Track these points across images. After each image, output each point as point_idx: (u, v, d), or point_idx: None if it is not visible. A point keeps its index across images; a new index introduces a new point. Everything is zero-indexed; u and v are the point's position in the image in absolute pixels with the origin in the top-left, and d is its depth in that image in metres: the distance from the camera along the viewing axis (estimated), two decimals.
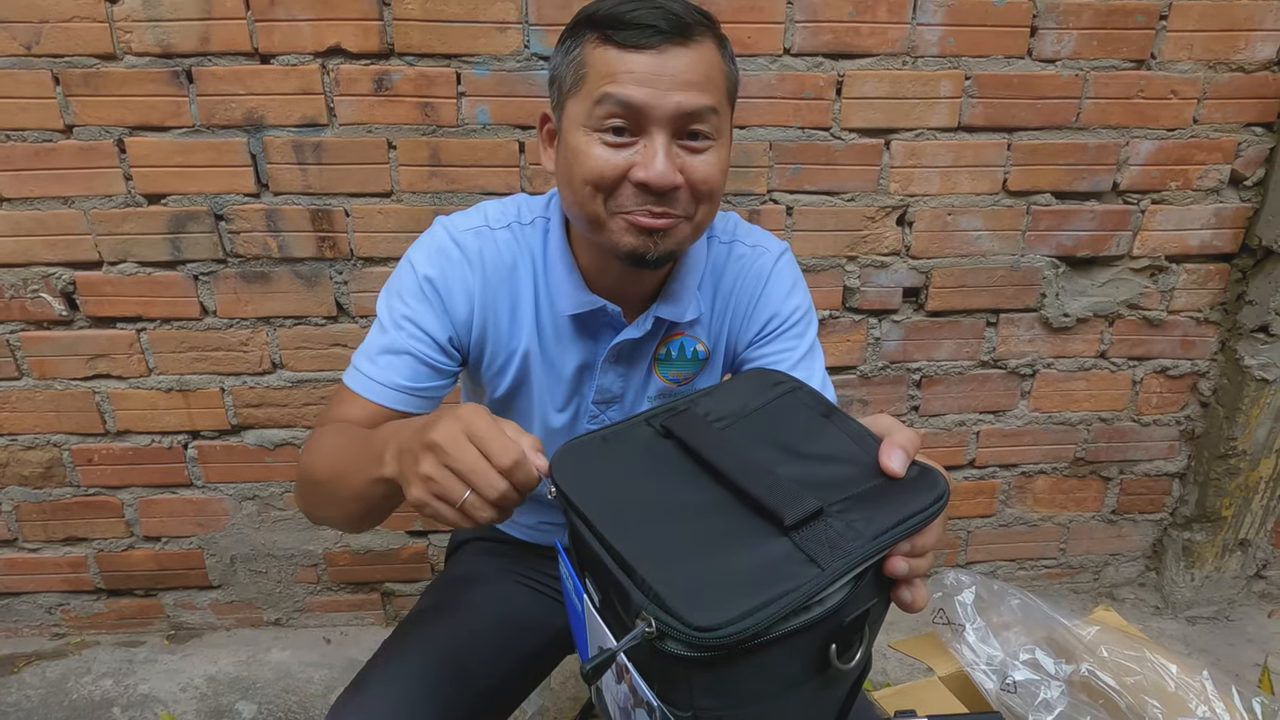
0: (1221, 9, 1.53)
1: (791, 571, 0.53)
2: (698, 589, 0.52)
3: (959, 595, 1.35)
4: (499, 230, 0.95)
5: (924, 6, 1.50)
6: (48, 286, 1.58)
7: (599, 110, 0.79)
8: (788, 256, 1.02)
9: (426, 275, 0.91)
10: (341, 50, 1.46)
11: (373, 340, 0.93)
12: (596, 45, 0.80)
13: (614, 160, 0.80)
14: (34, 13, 1.39)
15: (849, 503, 0.58)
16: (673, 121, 0.79)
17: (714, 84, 0.81)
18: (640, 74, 0.78)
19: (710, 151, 0.83)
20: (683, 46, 0.78)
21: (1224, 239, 1.72)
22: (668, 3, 0.79)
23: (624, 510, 0.60)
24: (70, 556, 1.81)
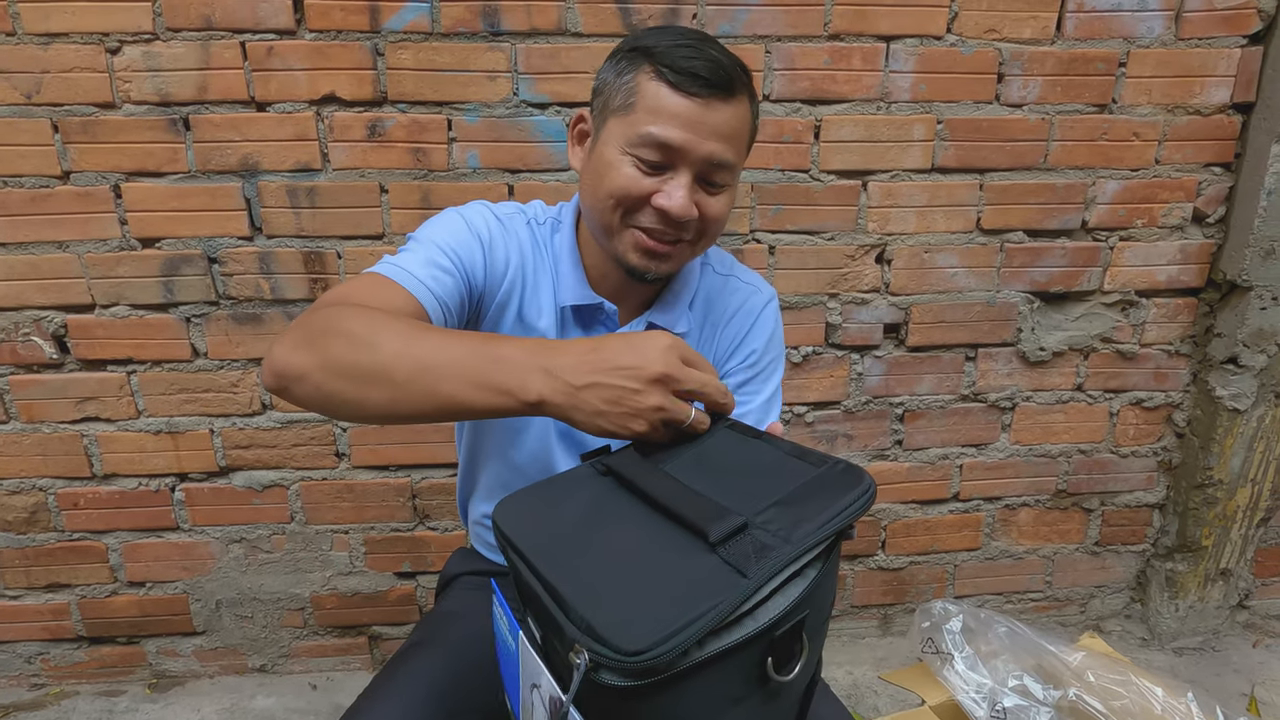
0: (1176, 56, 1.62)
1: (718, 585, 0.54)
2: (626, 615, 0.53)
3: (947, 624, 1.36)
4: (516, 221, 1.02)
5: (896, 55, 1.58)
6: (39, 330, 1.59)
7: (640, 142, 0.87)
8: (776, 301, 1.11)
9: (476, 228, 0.96)
10: (336, 98, 1.50)
11: (408, 249, 0.93)
12: (651, 78, 0.87)
13: (642, 183, 0.88)
14: (36, 64, 1.43)
15: (774, 510, 0.60)
16: (699, 165, 0.88)
17: (740, 139, 0.90)
18: (684, 119, 0.85)
19: (723, 194, 0.92)
20: (724, 102, 0.86)
21: (1190, 274, 1.78)
22: (720, 55, 0.86)
23: (559, 546, 0.61)
24: (52, 604, 1.78)
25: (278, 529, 1.77)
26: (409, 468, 1.76)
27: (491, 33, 1.49)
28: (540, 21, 1.49)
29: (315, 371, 0.73)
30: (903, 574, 1.97)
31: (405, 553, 1.82)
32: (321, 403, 0.75)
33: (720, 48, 0.88)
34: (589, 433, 0.70)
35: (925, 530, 1.94)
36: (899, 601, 2.01)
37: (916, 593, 2.00)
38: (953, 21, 1.57)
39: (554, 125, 1.55)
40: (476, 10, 1.48)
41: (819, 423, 1.81)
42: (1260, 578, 2.04)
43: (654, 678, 0.51)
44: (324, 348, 0.74)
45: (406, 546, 1.81)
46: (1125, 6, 1.58)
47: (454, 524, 1.80)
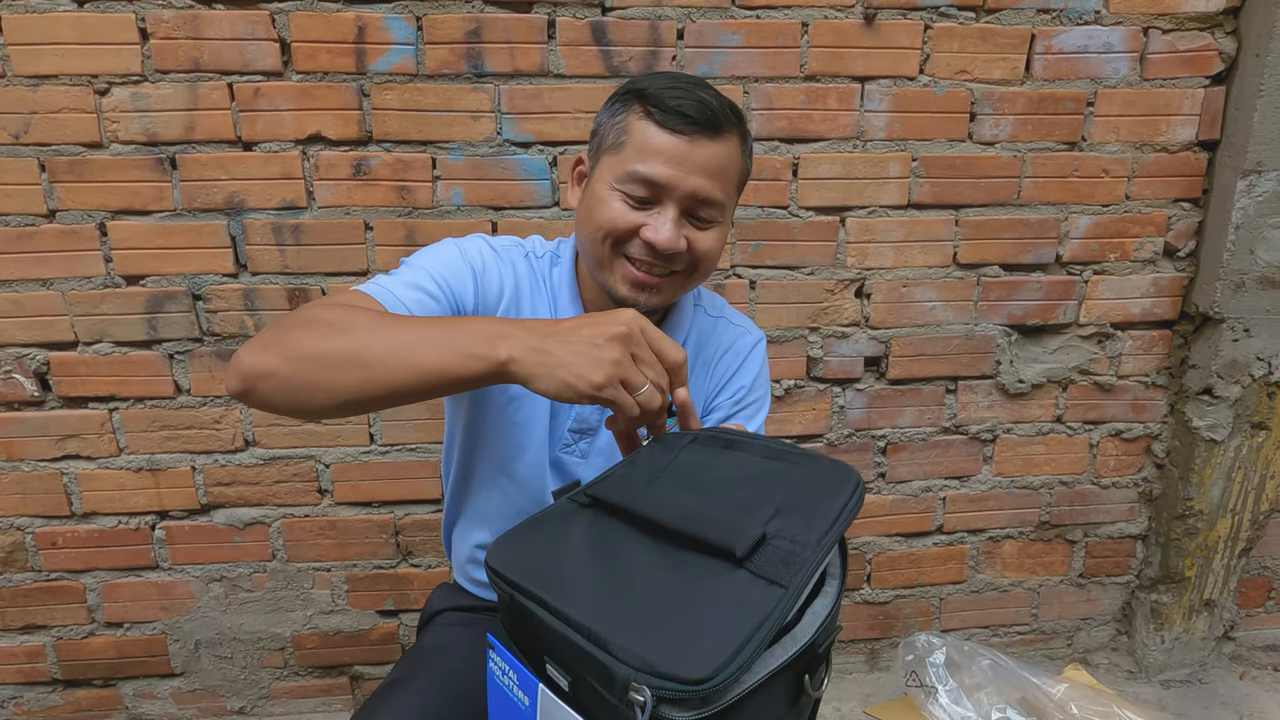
0: (1142, 96, 1.66)
1: (758, 599, 0.55)
2: (681, 644, 0.52)
3: (930, 657, 1.36)
4: (515, 254, 1.05)
5: (871, 95, 1.62)
6: (21, 367, 1.59)
7: (628, 178, 0.91)
8: (764, 344, 1.16)
9: (469, 256, 0.98)
10: (322, 138, 1.53)
11: (398, 273, 0.94)
12: (640, 118, 0.91)
13: (630, 217, 0.92)
14: (24, 104, 1.45)
15: (780, 518, 0.61)
16: (685, 200, 0.91)
17: (727, 176, 0.93)
18: (669, 155, 0.89)
19: (711, 230, 0.95)
20: (710, 140, 0.90)
21: (1164, 306, 1.81)
22: (709, 97, 0.90)
23: (578, 584, 0.60)
24: (27, 646, 1.75)
25: (259, 567, 1.75)
26: (392, 504, 1.75)
27: (475, 74, 1.52)
28: (523, 63, 1.53)
29: (284, 365, 0.74)
30: (889, 608, 1.97)
31: (388, 590, 1.80)
32: (291, 395, 0.75)
33: (713, 91, 0.92)
34: (549, 392, 0.70)
35: (910, 563, 1.94)
36: (885, 636, 2.00)
37: (903, 627, 1.99)
38: (925, 63, 1.61)
39: (537, 164, 1.58)
40: (460, 52, 1.51)
41: None
42: (1244, 608, 2.05)
43: (715, 707, 0.51)
44: (295, 340, 0.75)
45: (389, 584, 1.80)
46: (1091, 48, 1.63)
47: (438, 560, 1.79)
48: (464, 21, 1.50)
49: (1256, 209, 1.67)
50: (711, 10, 1.54)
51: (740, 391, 1.10)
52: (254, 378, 0.75)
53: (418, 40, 1.50)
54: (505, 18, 1.50)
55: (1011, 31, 1.61)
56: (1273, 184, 1.66)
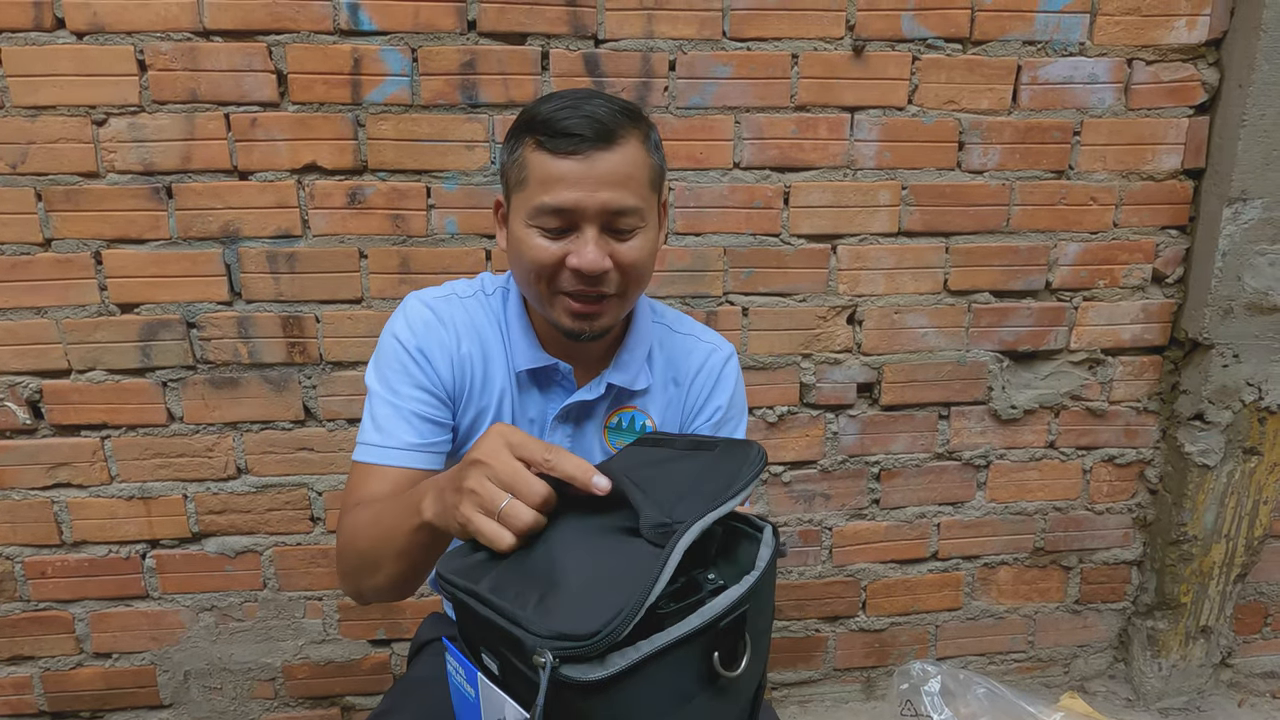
0: (1127, 125, 1.69)
1: (648, 563, 0.59)
2: (580, 608, 0.57)
3: (926, 685, 1.35)
4: (467, 299, 1.05)
5: (860, 124, 1.64)
6: (13, 395, 1.58)
7: (538, 212, 0.90)
8: (736, 358, 1.14)
9: (408, 343, 0.99)
10: (317, 167, 1.54)
11: (372, 415, 0.99)
12: (534, 149, 0.89)
13: (552, 250, 0.91)
14: (22, 134, 1.47)
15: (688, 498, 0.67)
16: (599, 217, 0.89)
17: (636, 181, 0.91)
18: (570, 179, 0.87)
19: (636, 237, 0.93)
20: (607, 150, 0.88)
21: (1153, 332, 1.82)
22: (596, 107, 0.88)
23: (504, 574, 0.65)
24: (14, 677, 1.73)
25: (250, 596, 1.74)
26: None
27: (470, 105, 1.54)
28: (517, 94, 1.55)
29: (349, 589, 0.94)
30: (884, 635, 1.96)
31: (380, 619, 1.79)
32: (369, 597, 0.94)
33: (602, 99, 0.90)
34: (456, 535, 0.73)
35: (905, 590, 1.93)
36: (881, 664, 1.98)
37: (899, 654, 1.98)
38: (913, 93, 1.64)
39: None
40: (455, 84, 1.53)
41: (796, 482, 1.82)
42: (1241, 635, 2.04)
43: (613, 668, 0.55)
44: (342, 570, 0.94)
45: (381, 613, 1.79)
46: (1076, 79, 1.66)
47: (428, 589, 1.78)
48: (459, 53, 1.52)
49: (1243, 236, 1.69)
50: (703, 42, 1.56)
51: (718, 412, 1.10)
52: (352, 596, 0.95)
53: (413, 71, 1.52)
54: (499, 49, 1.53)
55: (998, 63, 1.64)
56: (1258, 211, 1.68)
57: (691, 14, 1.55)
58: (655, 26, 1.54)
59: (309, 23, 1.48)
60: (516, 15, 1.51)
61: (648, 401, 1.08)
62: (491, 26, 1.51)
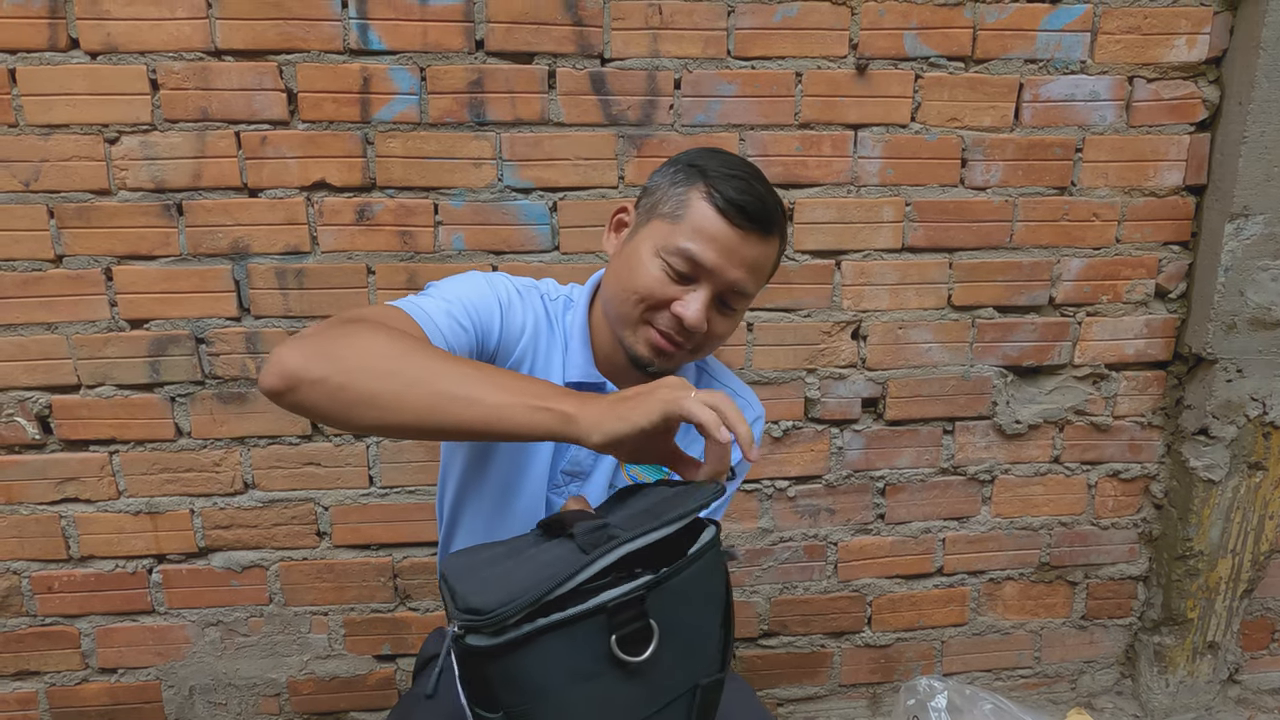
0: (1129, 142, 1.70)
1: (567, 561, 0.66)
2: (487, 587, 0.65)
3: (932, 701, 1.35)
4: (537, 300, 1.07)
5: (864, 142, 1.65)
6: (23, 410, 1.59)
7: (676, 252, 0.94)
8: (763, 423, 1.19)
9: (497, 291, 1.01)
10: (326, 184, 1.56)
11: (431, 296, 0.96)
12: (703, 198, 0.93)
13: (668, 290, 0.95)
14: (35, 153, 1.49)
15: (638, 516, 0.72)
16: (722, 286, 0.95)
17: (762, 272, 0.98)
18: (721, 244, 0.93)
19: (734, 317, 1.00)
20: (761, 238, 0.94)
21: (1157, 347, 1.83)
22: (766, 194, 0.94)
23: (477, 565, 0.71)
24: (19, 693, 1.74)
25: (256, 611, 1.74)
26: (390, 546, 1.74)
27: (477, 123, 1.56)
28: (524, 112, 1.56)
29: (337, 374, 0.73)
30: (890, 651, 1.95)
31: (385, 634, 1.79)
32: (340, 405, 0.74)
33: (768, 186, 0.96)
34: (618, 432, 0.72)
35: (910, 605, 1.93)
36: (887, 680, 1.98)
37: (905, 670, 1.98)
38: (916, 111, 1.65)
39: (537, 209, 1.61)
40: (463, 102, 1.55)
41: (801, 497, 1.82)
42: (1248, 650, 2.03)
43: (506, 637, 0.62)
44: (356, 351, 0.75)
45: (387, 628, 1.79)
46: (1078, 96, 1.67)
47: (435, 604, 1.78)
48: (466, 72, 1.54)
49: (1245, 251, 1.70)
50: (708, 61, 1.58)
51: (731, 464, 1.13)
52: (299, 380, 0.73)
53: (421, 90, 1.54)
54: (507, 68, 1.55)
55: (1000, 81, 1.65)
56: (1260, 227, 1.69)
57: (696, 33, 1.56)
58: (661, 45, 1.56)
59: (319, 42, 1.50)
60: (523, 35, 1.53)
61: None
62: (499, 46, 1.53)
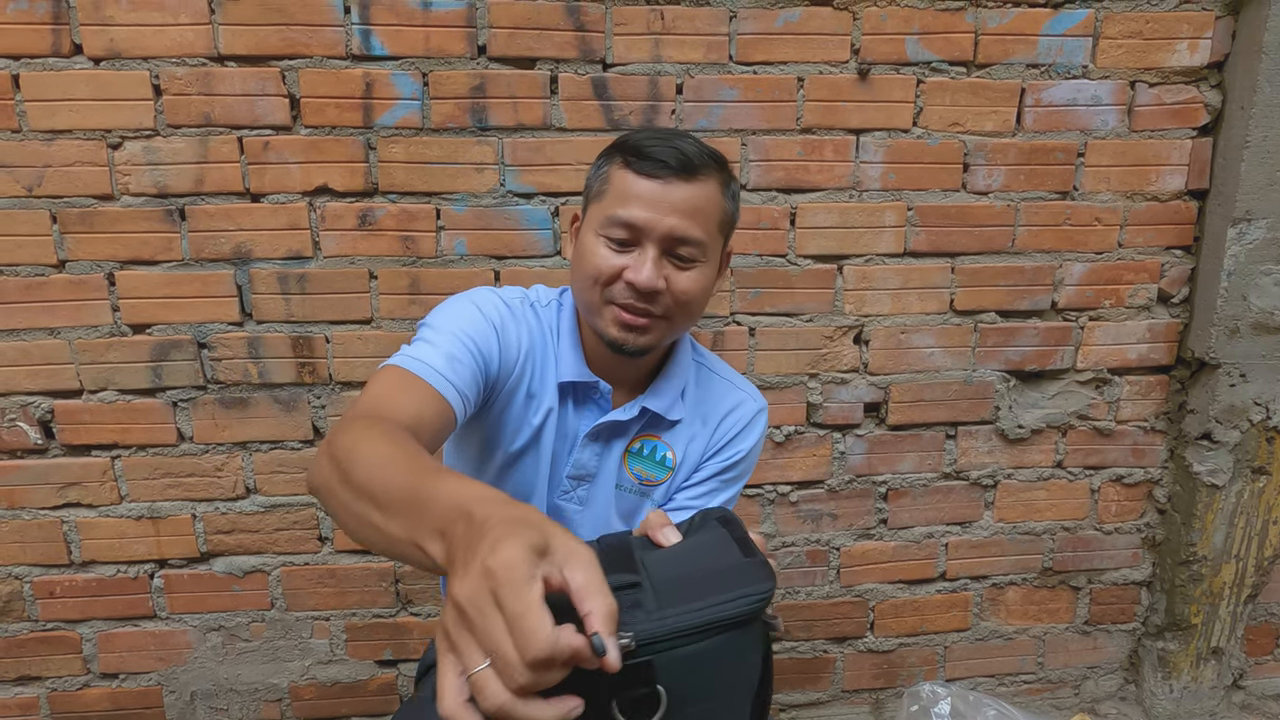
0: (1131, 146, 1.70)
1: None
2: None
3: (935, 707, 1.35)
4: (526, 307, 1.08)
5: (866, 146, 1.65)
6: (25, 415, 1.59)
7: (609, 223, 0.96)
8: (766, 415, 1.17)
9: (489, 314, 1.01)
10: (328, 189, 1.56)
11: (426, 339, 0.96)
12: (620, 168, 0.96)
13: (613, 261, 0.96)
14: (38, 158, 1.49)
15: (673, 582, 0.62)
16: (663, 240, 0.95)
17: (705, 216, 0.96)
18: (645, 199, 0.94)
19: (694, 270, 0.98)
20: (685, 182, 0.94)
21: (1160, 352, 1.83)
22: (685, 144, 0.95)
23: None
24: (20, 698, 1.73)
25: (257, 616, 1.74)
26: None
27: (479, 128, 1.56)
28: (526, 117, 1.57)
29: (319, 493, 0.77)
30: (893, 656, 1.95)
31: (387, 639, 1.79)
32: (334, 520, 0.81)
33: (694, 140, 0.96)
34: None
35: (913, 610, 1.92)
36: (890, 685, 1.97)
37: (908, 676, 1.97)
38: (918, 116, 1.65)
39: (539, 214, 1.61)
40: (465, 107, 1.55)
41: (803, 502, 1.82)
42: (1252, 656, 2.02)
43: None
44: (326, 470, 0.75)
45: (388, 633, 1.78)
46: (1080, 101, 1.67)
47: (437, 608, 1.78)
48: (469, 78, 1.54)
49: (1247, 256, 1.70)
50: (709, 66, 1.58)
51: (735, 457, 1.12)
52: (313, 491, 0.80)
53: (423, 95, 1.54)
54: (509, 74, 1.55)
55: (1002, 86, 1.65)
56: (1263, 231, 1.69)
57: (698, 38, 1.57)
58: (663, 51, 1.56)
59: (321, 48, 1.50)
60: (525, 40, 1.53)
61: (674, 435, 1.10)
62: (501, 51, 1.54)
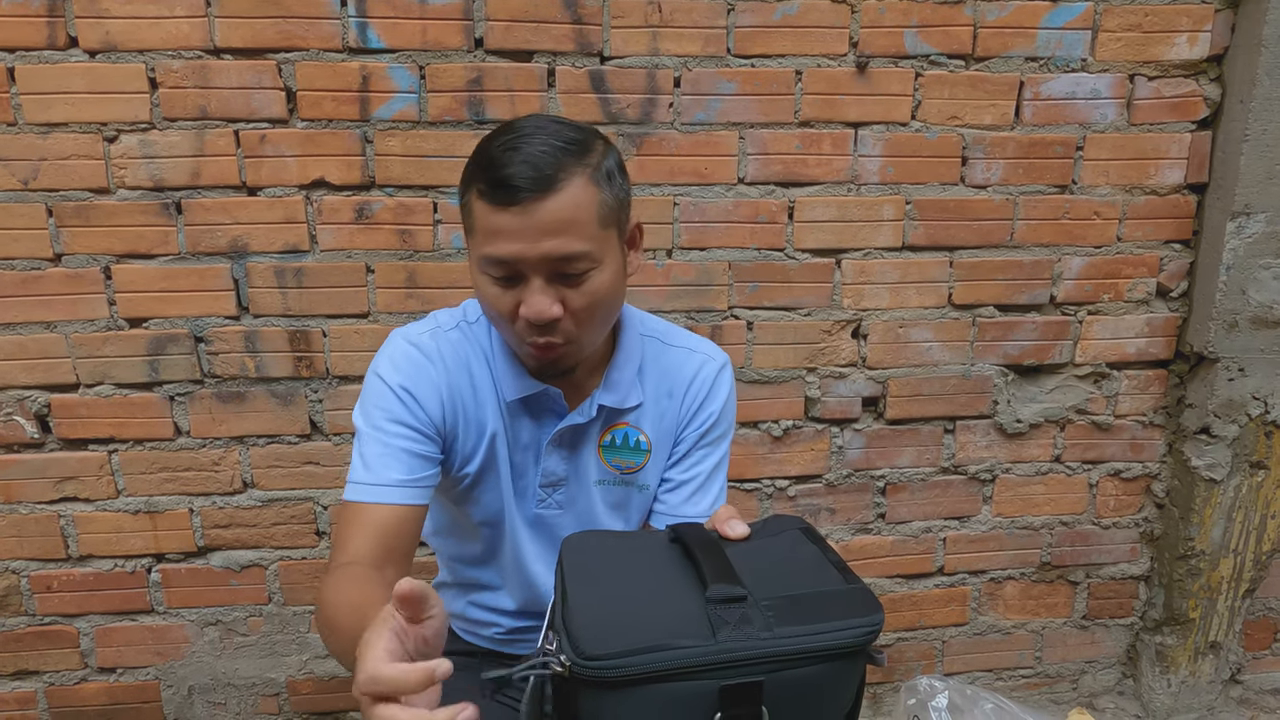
0: (1130, 140, 1.70)
1: (689, 631, 0.59)
2: (601, 623, 0.60)
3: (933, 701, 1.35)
4: (450, 331, 1.04)
5: (864, 140, 1.65)
6: (22, 409, 1.59)
7: (485, 264, 0.89)
8: (730, 369, 1.11)
9: (396, 382, 0.98)
10: (325, 183, 1.56)
11: (360, 454, 0.98)
12: (477, 199, 0.87)
13: (505, 300, 0.90)
14: (34, 151, 1.48)
15: (780, 600, 0.63)
16: (544, 266, 0.87)
17: (580, 224, 0.86)
18: (509, 231, 0.85)
19: (589, 280, 0.89)
20: (546, 197, 0.84)
21: (1158, 346, 1.82)
22: (536, 149, 0.84)
23: (594, 569, 0.68)
24: (18, 692, 1.73)
25: (255, 610, 1.74)
26: None
27: (476, 121, 1.56)
28: (523, 110, 1.56)
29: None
30: (890, 650, 1.95)
31: None
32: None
33: (548, 133, 0.86)
34: None
35: (911, 605, 1.92)
36: (888, 680, 1.97)
37: (906, 670, 1.97)
38: (917, 109, 1.65)
39: None
40: (462, 100, 1.55)
41: (801, 497, 1.82)
42: (1250, 651, 2.03)
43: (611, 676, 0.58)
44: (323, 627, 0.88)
45: None
46: (1079, 95, 1.67)
47: None
48: (466, 70, 1.54)
49: (1246, 250, 1.70)
50: (707, 59, 1.58)
51: (709, 420, 1.08)
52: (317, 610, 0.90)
53: (420, 88, 1.53)
54: (506, 67, 1.54)
55: (1000, 79, 1.65)
56: (1262, 225, 1.68)
57: (696, 31, 1.56)
58: (660, 44, 1.56)
59: (318, 41, 1.50)
60: (523, 33, 1.53)
61: (640, 417, 1.07)
62: (498, 44, 1.53)
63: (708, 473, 1.09)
